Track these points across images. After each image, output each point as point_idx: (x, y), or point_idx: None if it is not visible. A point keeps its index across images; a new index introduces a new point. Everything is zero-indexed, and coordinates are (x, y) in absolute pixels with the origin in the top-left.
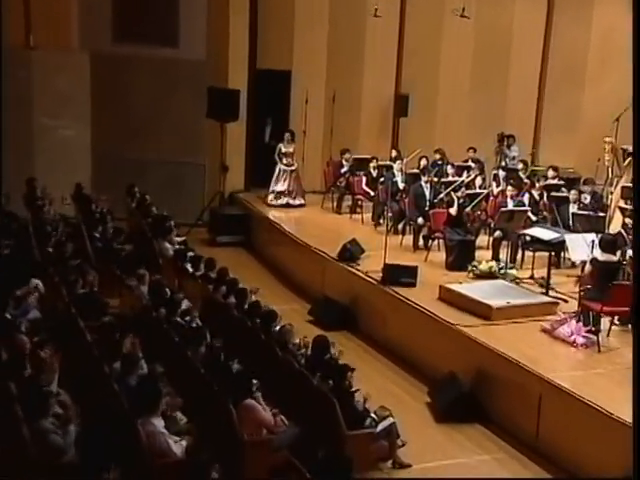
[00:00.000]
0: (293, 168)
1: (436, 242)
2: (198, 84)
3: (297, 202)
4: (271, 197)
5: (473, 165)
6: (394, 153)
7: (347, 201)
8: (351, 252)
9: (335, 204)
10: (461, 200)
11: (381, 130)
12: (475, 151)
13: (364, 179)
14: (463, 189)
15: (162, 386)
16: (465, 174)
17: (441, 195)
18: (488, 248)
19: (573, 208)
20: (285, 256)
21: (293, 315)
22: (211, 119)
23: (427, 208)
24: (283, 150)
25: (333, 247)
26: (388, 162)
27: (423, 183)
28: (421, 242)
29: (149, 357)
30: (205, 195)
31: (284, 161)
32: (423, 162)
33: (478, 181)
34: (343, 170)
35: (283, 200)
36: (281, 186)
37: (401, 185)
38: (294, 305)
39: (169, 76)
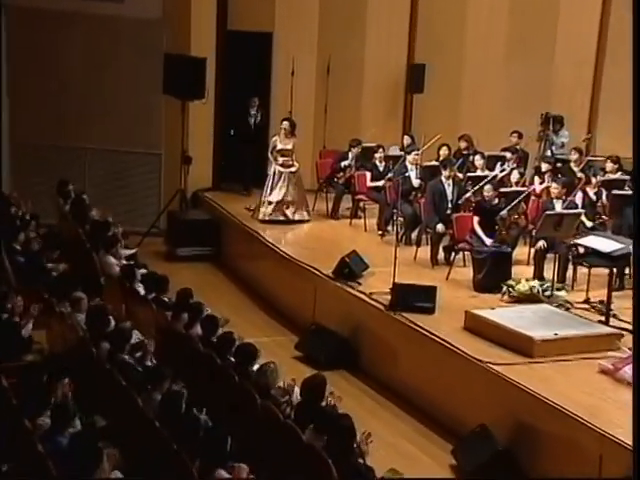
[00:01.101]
0: (293, 170)
1: (460, 255)
2: (151, 50)
3: (298, 216)
4: (263, 210)
5: (509, 155)
6: (406, 140)
7: (346, 202)
8: (351, 268)
9: (330, 206)
10: (492, 200)
11: (389, 111)
12: (521, 137)
13: (368, 174)
14: (490, 187)
15: (103, 446)
16: (499, 167)
17: (467, 194)
18: (529, 263)
19: None
20: (266, 274)
21: (276, 350)
22: (169, 96)
23: (449, 211)
24: (279, 146)
25: (328, 262)
26: (398, 152)
27: (444, 179)
28: (441, 255)
29: (86, 407)
30: (162, 195)
31: (280, 161)
32: (444, 152)
33: (514, 176)
34: (344, 163)
35: (279, 214)
36: (277, 195)
37: (415, 182)
38: (278, 337)
39: (112, 39)
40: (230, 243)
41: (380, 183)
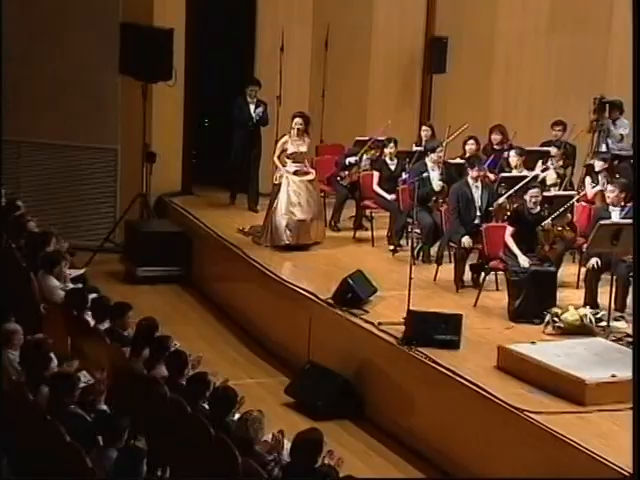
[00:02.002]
0: (310, 178)
1: (492, 276)
2: (103, 19)
3: (315, 238)
4: (275, 233)
5: (554, 151)
6: (425, 132)
7: (348, 209)
8: (355, 292)
9: (330, 215)
10: (534, 207)
11: (403, 95)
12: (564, 128)
13: (375, 175)
14: (537, 189)
15: None
16: (540, 165)
17: (500, 200)
18: (578, 286)
19: None
20: (249, 300)
21: (262, 395)
22: (127, 76)
23: (478, 221)
24: (290, 149)
25: (326, 284)
26: (415, 147)
27: (471, 180)
28: (468, 276)
29: (23, 469)
30: (118, 201)
31: (292, 167)
32: (471, 146)
33: (550, 177)
34: (348, 160)
35: (290, 236)
36: (289, 212)
37: (436, 184)
38: (264, 378)
39: (55, 5)
40: (204, 261)
41: (390, 198)
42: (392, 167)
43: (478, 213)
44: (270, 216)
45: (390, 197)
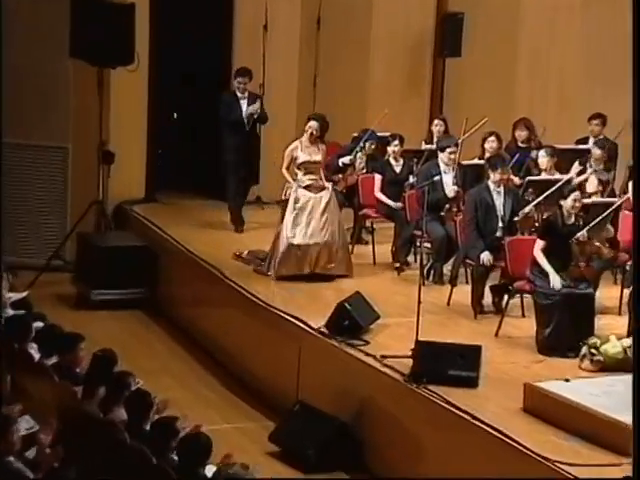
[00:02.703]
0: (326, 194)
1: (517, 299)
2: None
3: (334, 270)
4: (283, 262)
5: (598, 152)
6: (437, 127)
7: (344, 219)
8: (353, 319)
9: None
10: (569, 217)
11: (410, 83)
12: (604, 122)
13: (377, 179)
14: (578, 193)
15: None
16: (575, 168)
17: (527, 208)
18: (620, 312)
19: None
20: (227, 328)
21: (242, 442)
22: (79, 60)
23: (500, 233)
24: (302, 157)
25: (318, 310)
26: (424, 145)
27: (492, 184)
28: (488, 299)
29: None
30: (68, 209)
31: (304, 180)
32: (492, 144)
33: (591, 183)
34: (343, 160)
35: (296, 263)
36: (303, 235)
37: (450, 190)
38: (243, 423)
39: None
40: (173, 282)
41: (394, 205)
42: (397, 169)
43: (500, 224)
44: (276, 240)
45: (395, 205)
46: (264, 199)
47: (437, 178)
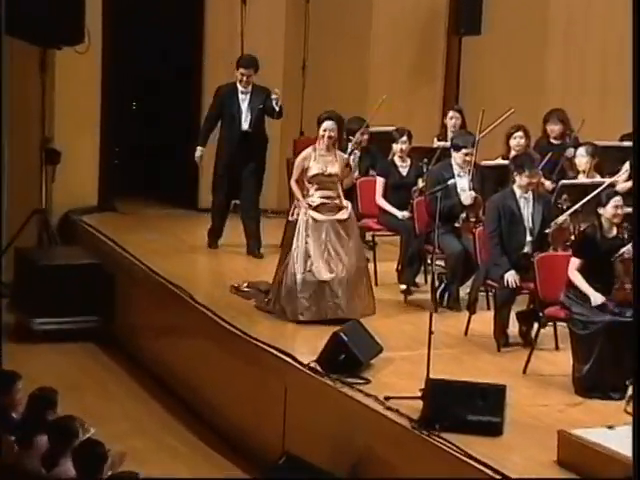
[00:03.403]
0: (343, 216)
1: (550, 328)
2: None
3: (355, 311)
4: (293, 300)
5: None
6: (452, 120)
7: None
8: (350, 352)
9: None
10: (611, 229)
11: (420, 67)
12: None
13: (380, 182)
14: (619, 198)
15: None
16: (624, 170)
17: (561, 218)
18: None
19: None
20: (199, 364)
21: None
22: (17, 39)
23: (527, 249)
24: (314, 169)
25: (308, 340)
26: (437, 142)
27: (518, 190)
28: (514, 328)
29: None
30: (4, 219)
31: (315, 197)
32: (518, 141)
33: (621, 184)
34: None
35: (307, 306)
36: (316, 270)
37: (466, 196)
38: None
39: None
40: (132, 308)
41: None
42: (403, 171)
43: (529, 237)
44: (281, 273)
45: (401, 214)
46: None
47: (452, 182)
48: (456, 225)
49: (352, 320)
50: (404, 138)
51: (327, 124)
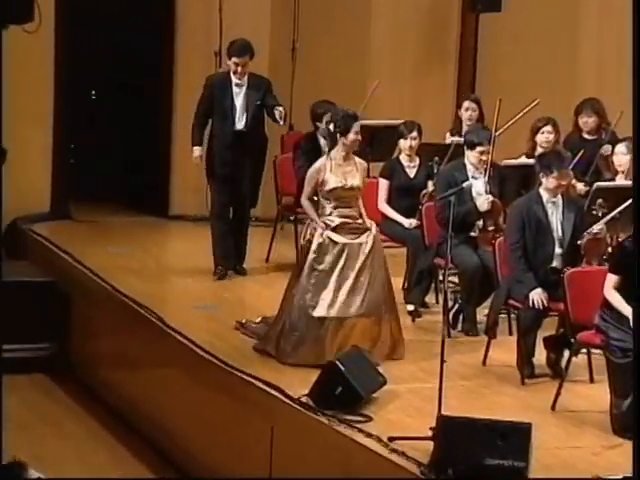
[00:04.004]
0: (366, 242)
1: (583, 356)
2: None
3: (377, 354)
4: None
5: None
6: (467, 112)
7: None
8: (348, 384)
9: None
10: None
11: (429, 50)
12: None
13: (383, 185)
14: None
15: None
16: None
17: (597, 226)
18: None
19: None
20: (169, 399)
21: None
22: None
23: (556, 263)
24: (332, 182)
25: (298, 372)
26: (450, 138)
27: (545, 194)
28: (541, 357)
29: None
30: None
31: (334, 217)
32: (546, 137)
33: None
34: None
35: (331, 350)
36: (331, 305)
37: (482, 201)
38: None
39: None
40: (91, 333)
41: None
42: (411, 172)
43: (558, 249)
44: (289, 306)
45: (408, 222)
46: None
47: (467, 184)
48: (472, 235)
49: (352, 346)
50: (414, 133)
51: (355, 126)
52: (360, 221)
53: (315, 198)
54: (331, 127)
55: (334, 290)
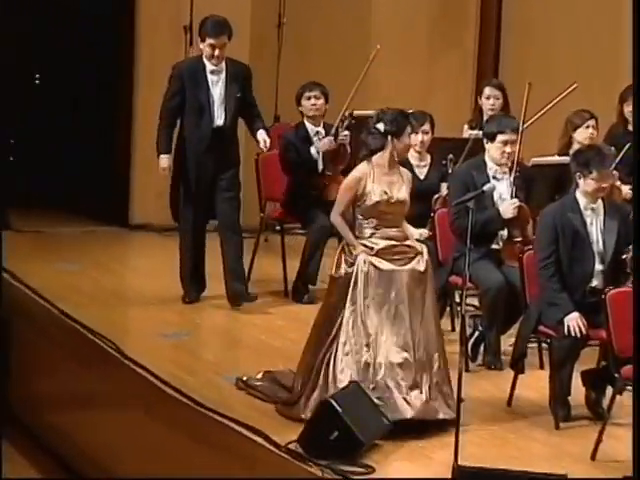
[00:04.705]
0: (420, 268)
1: (627, 395)
2: None
3: (434, 410)
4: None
5: None
6: (489, 100)
7: (328, 256)
8: (346, 428)
9: (296, 272)
10: None
11: (443, 24)
12: None
13: None
14: None
15: None
16: None
17: None
18: None
19: None
20: (130, 445)
21: None
22: None
23: (598, 281)
24: (375, 195)
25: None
26: (468, 131)
27: (583, 198)
28: (579, 395)
29: None
30: None
31: (376, 238)
32: (591, 131)
33: None
34: (318, 147)
35: (384, 404)
36: (392, 347)
37: (506, 207)
38: None
39: None
40: (36, 368)
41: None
42: (421, 172)
43: (599, 265)
44: (320, 354)
45: (417, 233)
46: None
47: (489, 187)
48: (495, 248)
49: (350, 382)
50: (425, 126)
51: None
52: (409, 243)
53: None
54: (380, 126)
55: (383, 327)
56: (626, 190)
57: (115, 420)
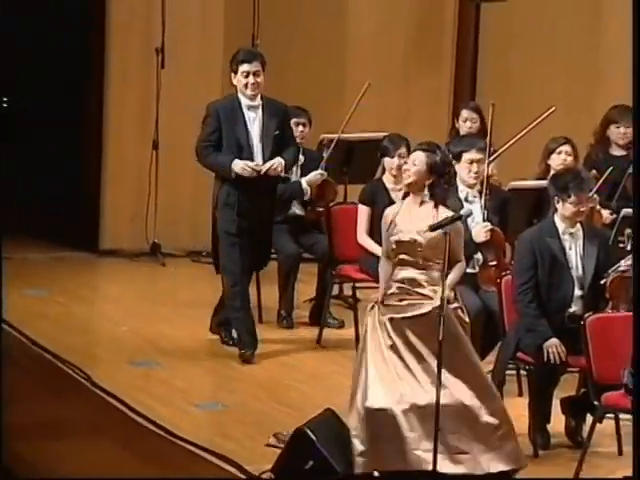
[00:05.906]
0: (434, 309)
1: (609, 422)
2: None
3: (486, 462)
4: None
5: None
6: (466, 123)
7: (306, 283)
8: (320, 456)
9: (277, 298)
10: None
11: (418, 45)
12: None
13: (363, 213)
14: None
15: None
16: None
17: (625, 262)
18: None
19: None
20: (98, 475)
21: None
22: None
23: (576, 307)
24: (402, 233)
25: (261, 441)
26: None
27: (561, 223)
28: (558, 424)
29: None
30: None
31: (408, 281)
32: (564, 157)
33: None
34: (309, 179)
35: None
36: (400, 394)
37: (478, 230)
38: None
39: None
40: (3, 399)
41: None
42: (397, 197)
43: (578, 291)
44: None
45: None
46: (164, 248)
47: (466, 210)
48: (470, 272)
49: (325, 410)
50: (401, 150)
51: (418, 156)
52: (431, 292)
53: None
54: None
55: (399, 377)
56: (606, 214)
57: (87, 452)
